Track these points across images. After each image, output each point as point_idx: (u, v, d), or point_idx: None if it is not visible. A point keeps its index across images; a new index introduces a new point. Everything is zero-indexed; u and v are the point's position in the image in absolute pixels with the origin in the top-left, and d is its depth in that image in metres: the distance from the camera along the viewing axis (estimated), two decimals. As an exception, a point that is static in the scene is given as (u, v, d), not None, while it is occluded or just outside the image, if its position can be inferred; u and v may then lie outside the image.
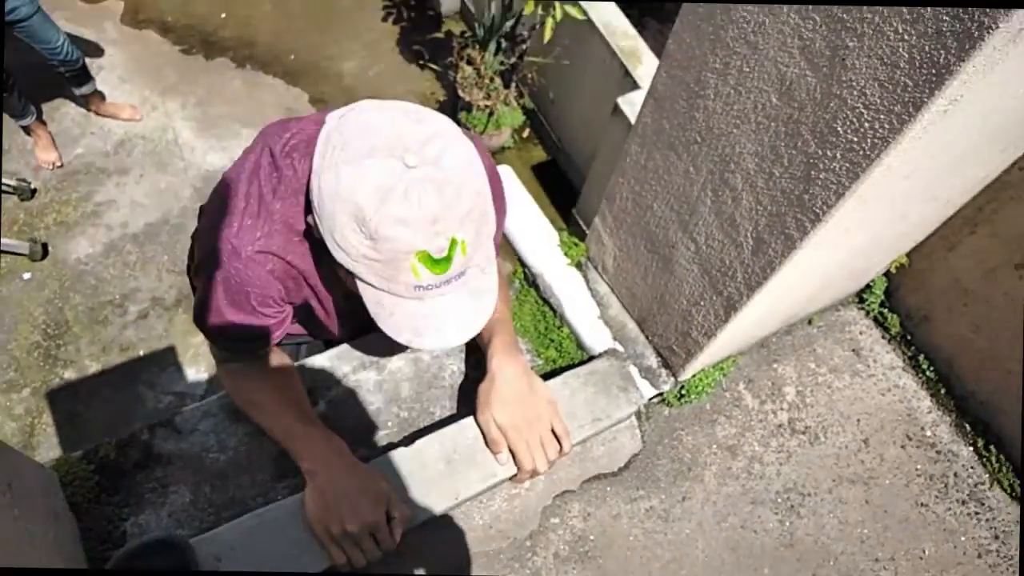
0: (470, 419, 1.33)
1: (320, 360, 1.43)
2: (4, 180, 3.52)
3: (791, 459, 1.50)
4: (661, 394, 1.47)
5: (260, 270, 1.01)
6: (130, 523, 1.25)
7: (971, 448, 1.56)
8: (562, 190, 3.92)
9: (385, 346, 1.44)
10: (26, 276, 3.47)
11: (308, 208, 0.91)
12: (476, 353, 1.42)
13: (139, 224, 3.69)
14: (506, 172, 1.64)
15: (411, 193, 0.80)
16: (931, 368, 1.60)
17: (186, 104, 4.04)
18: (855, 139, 0.90)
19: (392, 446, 1.33)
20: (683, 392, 1.48)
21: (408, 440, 1.34)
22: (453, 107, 4.01)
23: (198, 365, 3.32)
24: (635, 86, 3.22)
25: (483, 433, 1.27)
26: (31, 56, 3.35)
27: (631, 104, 3.07)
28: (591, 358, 1.49)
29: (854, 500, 1.48)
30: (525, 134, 4.11)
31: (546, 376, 1.43)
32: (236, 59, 4.20)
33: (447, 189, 0.82)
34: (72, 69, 3.54)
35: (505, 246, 1.51)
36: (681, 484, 1.44)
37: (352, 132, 0.84)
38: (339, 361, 1.43)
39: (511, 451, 1.24)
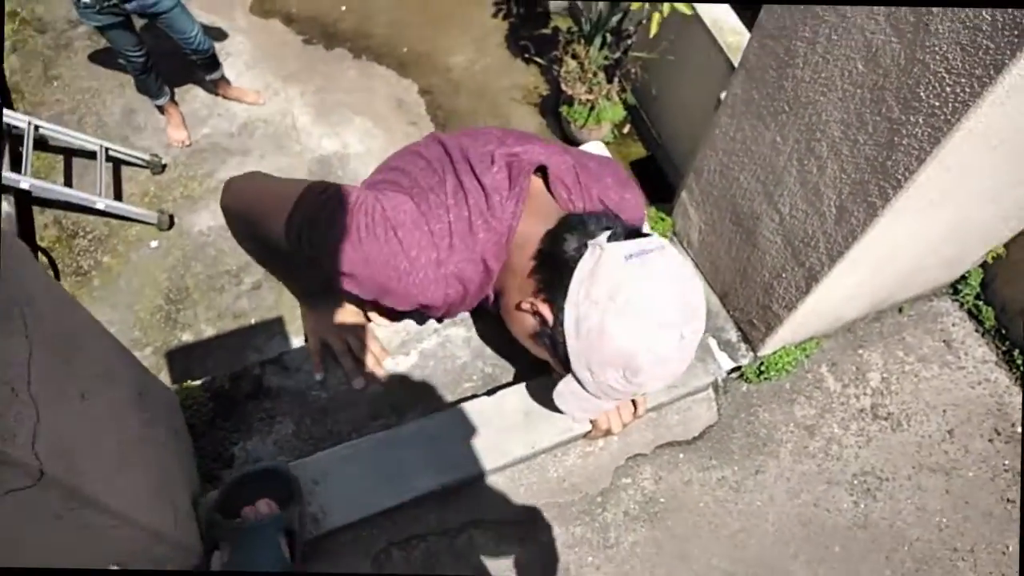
0: (551, 377, 1.40)
1: (413, 314, 1.52)
2: (138, 154, 3.83)
3: (871, 443, 1.49)
4: (740, 368, 1.50)
5: (440, 290, 1.04)
6: (238, 447, 1.38)
7: (1067, 448, 1.51)
8: (660, 187, 3.93)
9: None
10: (153, 244, 3.76)
11: (549, 310, 0.99)
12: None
13: (256, 201, 3.92)
14: (598, 147, 1.70)
15: (670, 360, 0.96)
16: (1027, 363, 1.56)
17: (305, 91, 4.28)
18: (937, 103, 0.92)
19: (475, 396, 1.42)
20: (762, 368, 1.50)
21: (491, 393, 1.42)
22: (555, 101, 4.09)
23: (303, 336, 3.52)
24: (739, 81, 3.20)
25: None
26: (166, 43, 3.65)
27: (733, 98, 3.06)
28: (672, 329, 1.53)
29: (934, 489, 1.46)
30: (625, 130, 4.14)
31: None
32: (353, 50, 4.41)
33: (689, 352, 0.98)
34: (204, 57, 3.83)
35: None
36: (755, 458, 1.46)
37: (638, 291, 0.91)
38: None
39: None
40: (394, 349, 1.48)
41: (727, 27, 3.39)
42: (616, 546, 1.36)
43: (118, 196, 3.81)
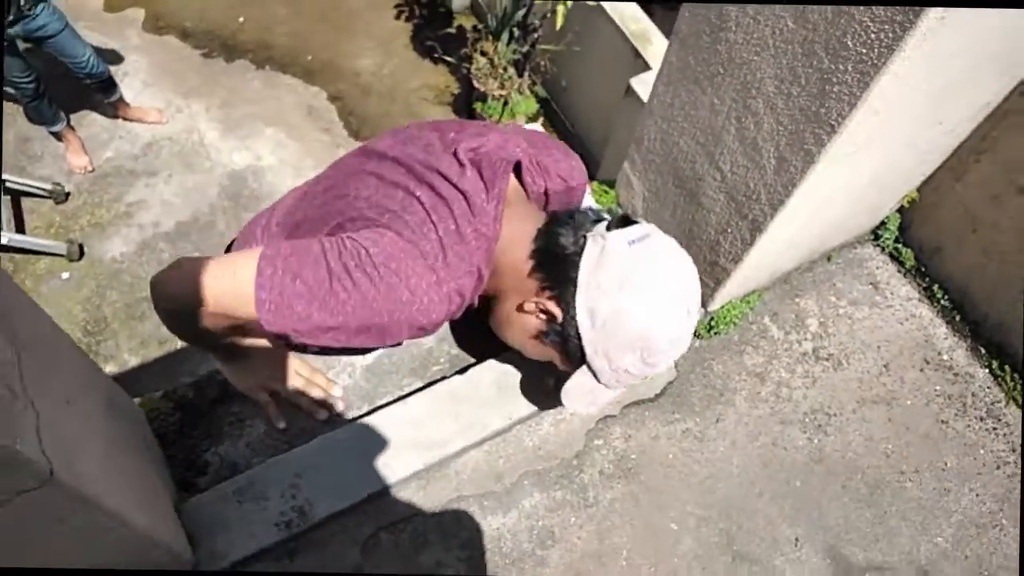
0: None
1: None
2: (39, 184, 3.65)
3: (816, 383, 1.59)
4: (692, 325, 1.57)
5: (444, 309, 0.98)
6: (210, 453, 1.36)
7: (987, 370, 1.65)
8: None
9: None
10: (64, 276, 3.59)
11: (558, 308, 1.00)
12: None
13: (170, 223, 3.81)
14: (539, 128, 1.75)
15: (687, 332, 1.01)
16: (945, 297, 1.70)
17: (209, 106, 4.17)
18: (863, 50, 1.01)
19: (445, 377, 1.44)
20: (712, 324, 1.58)
21: (462, 371, 1.45)
22: (467, 98, 4.13)
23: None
24: (646, 67, 3.32)
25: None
26: (58, 66, 3.49)
27: (644, 84, 3.18)
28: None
29: (878, 419, 1.57)
30: (539, 122, 4.22)
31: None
32: (255, 61, 4.33)
33: (695, 324, 1.05)
34: (99, 80, 3.68)
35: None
36: (714, 408, 1.54)
37: (648, 273, 0.96)
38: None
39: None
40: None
41: (628, 15, 3.51)
42: (596, 505, 1.41)
43: (20, 229, 3.61)
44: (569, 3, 3.38)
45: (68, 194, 3.79)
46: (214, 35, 4.42)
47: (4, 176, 3.53)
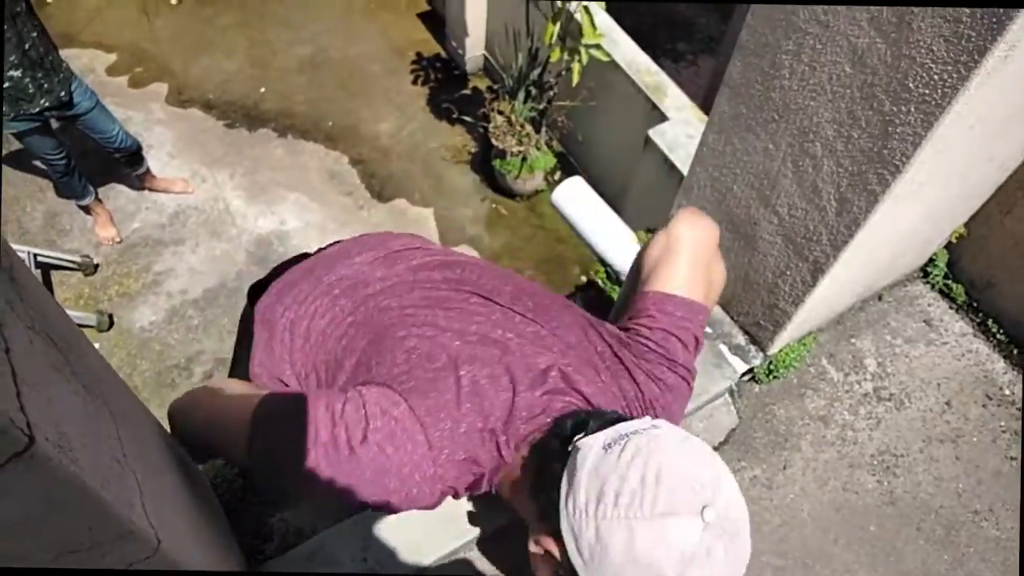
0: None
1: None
2: (68, 257, 3.70)
3: (880, 424, 1.57)
4: (752, 370, 1.56)
5: (430, 502, 0.88)
6: (276, 519, 1.34)
7: (1049, 403, 1.63)
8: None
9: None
10: (96, 347, 3.60)
11: (545, 521, 0.79)
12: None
13: (198, 290, 3.84)
14: (579, 182, 1.77)
15: (712, 552, 0.71)
16: (1000, 331, 1.69)
17: (234, 174, 4.24)
18: (926, 91, 1.02)
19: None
20: (771, 367, 1.57)
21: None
22: (484, 156, 4.20)
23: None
24: (663, 118, 3.38)
25: None
26: (85, 142, 3.57)
27: (662, 134, 3.23)
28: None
29: (945, 458, 1.54)
30: (557, 176, 4.27)
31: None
32: (277, 129, 4.41)
33: (736, 539, 0.75)
34: (128, 153, 3.76)
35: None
36: (780, 454, 1.52)
37: (622, 481, 0.72)
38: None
39: None
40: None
41: (643, 68, 3.58)
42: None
43: (51, 302, 3.64)
44: (584, 60, 3.46)
45: (97, 266, 3.83)
46: (236, 105, 4.52)
47: (34, 251, 3.57)
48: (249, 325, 1.15)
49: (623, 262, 1.66)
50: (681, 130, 3.29)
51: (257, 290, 1.22)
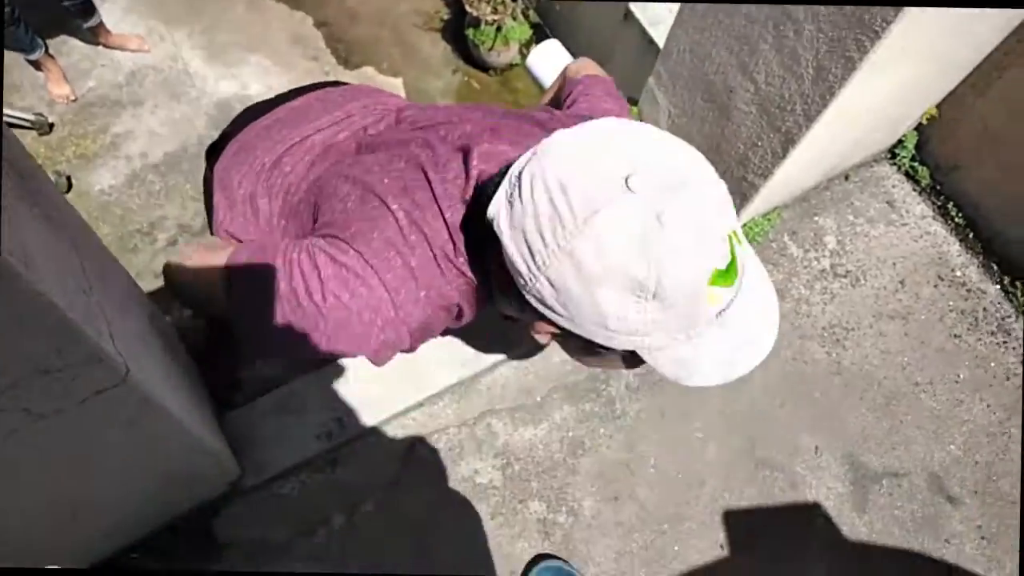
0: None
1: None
2: (20, 115, 3.54)
3: (834, 299, 1.62)
4: (715, 242, 1.58)
5: (403, 330, 0.82)
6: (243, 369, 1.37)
7: (998, 286, 1.69)
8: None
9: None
10: (52, 208, 3.51)
11: (528, 309, 0.69)
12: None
13: (158, 154, 3.72)
14: (555, 45, 1.72)
15: (663, 218, 0.60)
16: (960, 214, 1.72)
17: (192, 33, 4.03)
18: (919, -49, 0.99)
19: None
20: (734, 241, 1.59)
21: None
22: (457, 25, 4.04)
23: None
24: (645, -10, 3.26)
25: None
26: (32, -12, 3.36)
27: (643, 8, 3.12)
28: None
29: (894, 333, 1.61)
30: (532, 47, 4.14)
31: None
32: (239, -13, 4.18)
33: (687, 188, 0.62)
34: (78, 3, 3.54)
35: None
36: (736, 323, 1.56)
37: (545, 203, 0.62)
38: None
39: None
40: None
41: (627, -64, 3.42)
42: (623, 416, 1.44)
43: (4, 160, 3.51)
44: (566, -77, 3.29)
45: (52, 125, 3.67)
46: (194, -42, 4.25)
47: (-16, 105, 3.41)
48: (210, 186, 1.13)
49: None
50: (664, 5, 3.18)
51: (215, 149, 1.18)
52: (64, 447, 0.80)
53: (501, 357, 1.39)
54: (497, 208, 0.66)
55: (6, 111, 3.49)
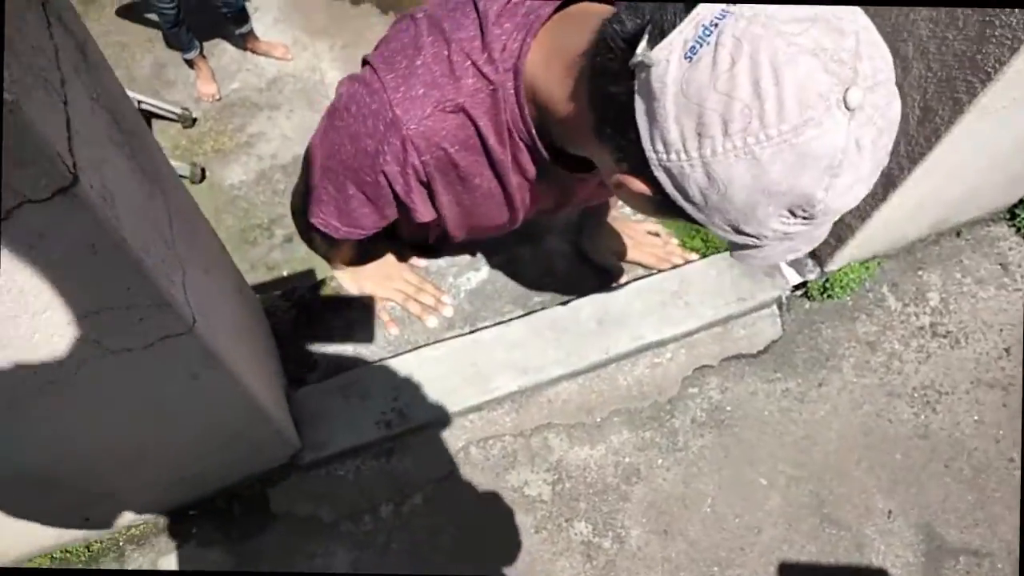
0: (623, 288, 1.44)
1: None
2: (169, 107, 3.85)
3: (930, 359, 1.53)
4: (805, 284, 1.53)
5: (406, 135, 0.79)
6: (320, 354, 1.42)
7: (1120, 367, 1.54)
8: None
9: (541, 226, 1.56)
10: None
11: (628, 165, 0.64)
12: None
13: (288, 156, 3.96)
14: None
15: (862, 145, 0.54)
16: (1082, 285, 1.59)
17: (333, 46, 4.28)
18: (1038, -9, 0.94)
19: (547, 308, 1.46)
20: (826, 286, 1.53)
21: (565, 303, 1.46)
22: None
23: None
24: None
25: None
26: (194, -3, 3.67)
27: None
28: (736, 248, 1.56)
29: (991, 403, 1.49)
30: None
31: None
32: (380, 5, 4.41)
33: (886, 116, 0.55)
34: (234, 10, 3.84)
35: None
36: (818, 371, 1.50)
37: (749, 89, 0.52)
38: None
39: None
40: (459, 271, 1.51)
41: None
42: (685, 450, 1.41)
43: (151, 148, 3.83)
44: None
45: (195, 119, 3.98)
46: (343, -22, 4.52)
47: (138, 97, 3.74)
48: None
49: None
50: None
51: None
52: (130, 388, 0.86)
53: (567, 370, 1.39)
54: (667, 56, 0.55)
55: (157, 102, 3.81)
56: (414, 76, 0.77)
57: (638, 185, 0.63)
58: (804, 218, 0.59)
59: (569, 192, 0.97)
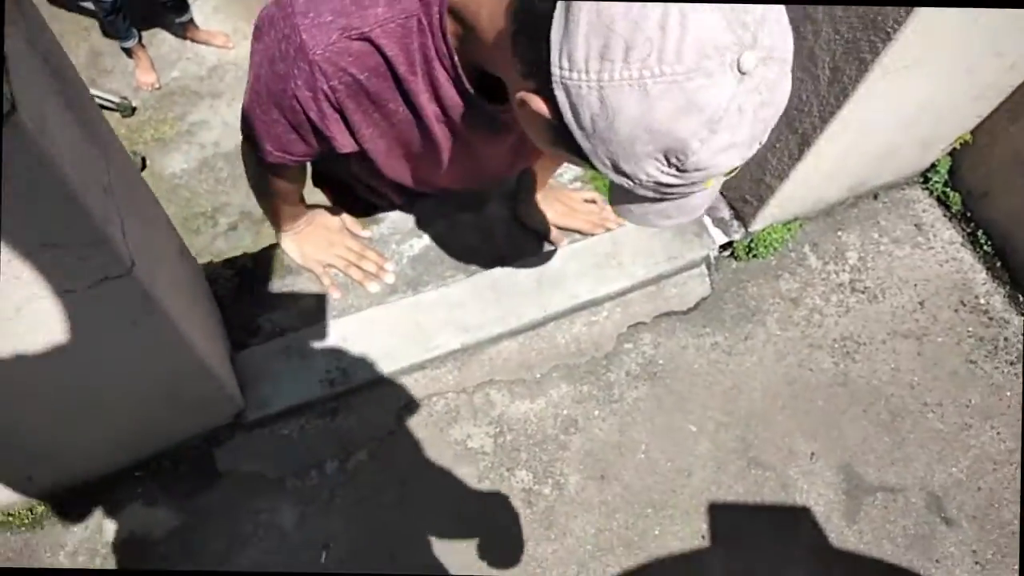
0: (558, 250, 1.50)
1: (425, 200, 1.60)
2: (108, 96, 3.79)
3: (849, 313, 1.62)
4: (731, 244, 1.61)
5: (312, 60, 0.79)
6: (263, 318, 1.45)
7: (1023, 317, 1.66)
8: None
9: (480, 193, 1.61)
10: (127, 185, 3.73)
11: (533, 81, 0.65)
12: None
13: (230, 144, 3.93)
14: None
15: (744, 109, 0.58)
16: (988, 243, 1.70)
17: (275, 34, 4.25)
18: (928, -47, 1.03)
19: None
20: (751, 245, 1.61)
21: (503, 265, 1.51)
22: None
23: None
24: None
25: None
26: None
27: None
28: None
29: (907, 352, 1.59)
30: None
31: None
32: (322, -6, 4.40)
33: (774, 92, 0.60)
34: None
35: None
36: (744, 326, 1.58)
37: (639, 34, 0.55)
38: (442, 202, 1.60)
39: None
40: (402, 238, 1.54)
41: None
42: (620, 401, 1.47)
43: (88, 137, 3.76)
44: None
45: (134, 109, 3.92)
46: (284, -34, 4.49)
47: (77, 84, 3.66)
48: None
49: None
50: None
51: None
52: (69, 334, 0.88)
53: (507, 328, 1.44)
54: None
55: (95, 92, 3.75)
56: (324, 1, 0.78)
57: (538, 104, 0.65)
58: (677, 169, 0.62)
59: (500, 144, 1.01)
